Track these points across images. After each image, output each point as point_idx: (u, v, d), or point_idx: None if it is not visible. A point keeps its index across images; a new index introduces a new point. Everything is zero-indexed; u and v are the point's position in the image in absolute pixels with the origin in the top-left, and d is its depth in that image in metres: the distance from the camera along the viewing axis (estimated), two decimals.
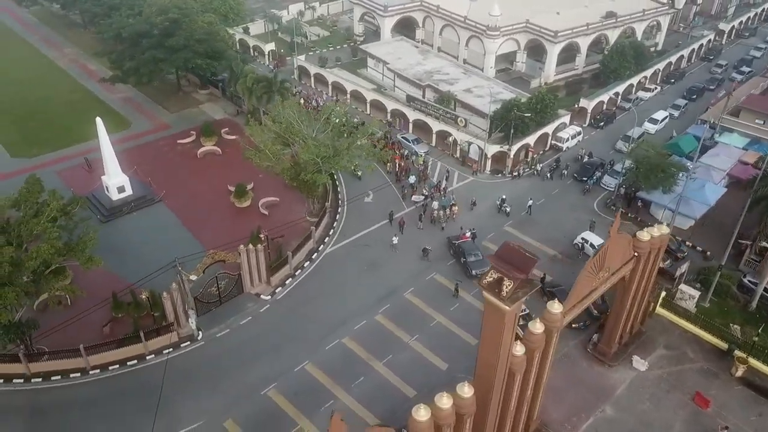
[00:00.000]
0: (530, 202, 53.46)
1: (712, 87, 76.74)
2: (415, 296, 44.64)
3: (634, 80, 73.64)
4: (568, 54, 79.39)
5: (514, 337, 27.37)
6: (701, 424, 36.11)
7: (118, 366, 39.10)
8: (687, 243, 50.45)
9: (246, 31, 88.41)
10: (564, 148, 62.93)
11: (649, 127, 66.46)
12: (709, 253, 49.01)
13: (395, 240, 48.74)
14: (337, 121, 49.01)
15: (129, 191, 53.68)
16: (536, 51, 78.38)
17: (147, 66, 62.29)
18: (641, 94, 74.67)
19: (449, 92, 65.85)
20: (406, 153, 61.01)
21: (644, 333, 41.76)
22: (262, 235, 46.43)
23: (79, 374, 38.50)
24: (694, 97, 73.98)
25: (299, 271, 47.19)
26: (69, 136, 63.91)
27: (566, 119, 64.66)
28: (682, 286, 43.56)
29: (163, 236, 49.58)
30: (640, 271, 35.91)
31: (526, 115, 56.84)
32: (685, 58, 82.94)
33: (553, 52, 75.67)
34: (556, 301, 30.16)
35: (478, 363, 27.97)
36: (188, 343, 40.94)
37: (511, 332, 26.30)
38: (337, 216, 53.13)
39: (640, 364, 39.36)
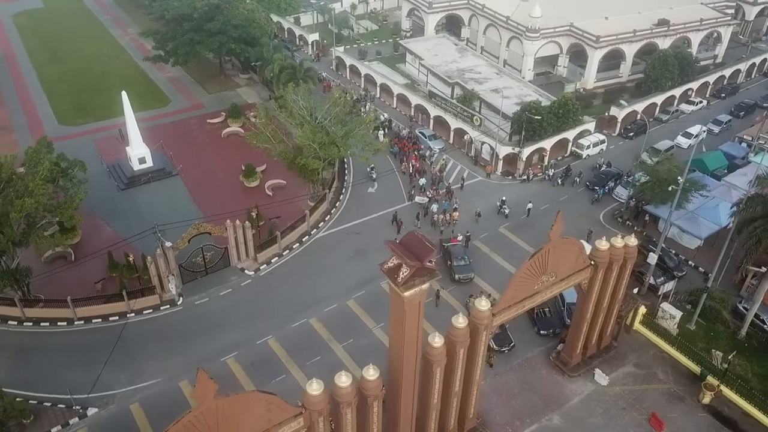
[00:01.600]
0: (530, 206, 52.62)
1: (766, 104, 71.93)
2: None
3: (677, 92, 70.16)
4: (614, 61, 76.92)
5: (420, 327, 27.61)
6: None
7: (101, 320, 42.21)
8: (690, 263, 48.13)
9: (297, 21, 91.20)
10: (584, 156, 61.20)
11: (681, 141, 63.42)
12: (710, 275, 46.45)
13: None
14: (337, 109, 50.04)
15: (149, 163, 57.18)
16: (580, 56, 76.28)
17: (184, 47, 65.97)
18: (684, 107, 71.05)
19: (472, 90, 65.47)
20: (425, 153, 60.99)
21: (615, 348, 40.42)
22: (254, 213, 48.43)
23: (65, 323, 41.87)
24: (742, 113, 69.70)
25: (287, 251, 48.86)
26: (112, 109, 68.03)
27: (591, 126, 62.81)
28: (664, 305, 41.73)
29: (171, 206, 52.47)
30: (600, 281, 34.94)
31: (536, 117, 55.71)
32: (743, 72, 78.02)
33: (594, 57, 73.48)
34: (485, 298, 30.05)
35: (389, 349, 28.45)
36: (168, 306, 43.53)
37: (416, 320, 26.58)
38: (338, 203, 54.40)
39: (601, 378, 38.22)
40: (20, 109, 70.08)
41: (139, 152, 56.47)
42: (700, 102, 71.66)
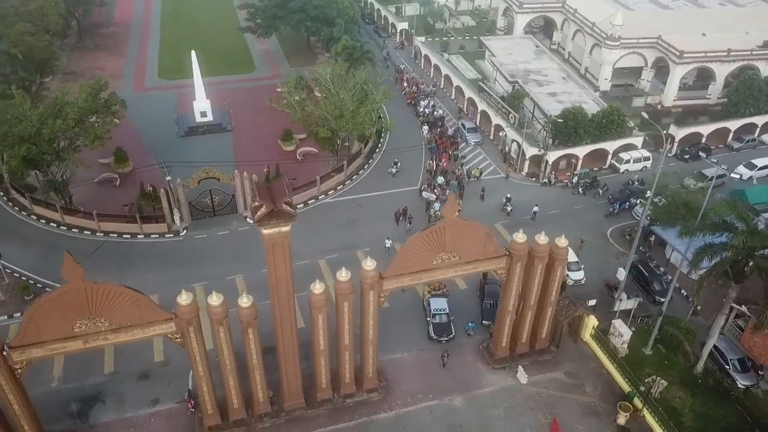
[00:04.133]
0: (536, 209, 52.04)
1: None
2: (365, 256, 47.63)
3: (760, 120, 63.84)
4: (705, 82, 71.74)
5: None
6: None
7: (116, 235, 49.66)
8: (682, 291, 45.08)
9: (399, 10, 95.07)
10: (621, 170, 58.59)
11: (741, 171, 58.28)
12: (699, 307, 43.30)
13: (388, 243, 47.75)
14: (355, 87, 53.36)
15: (209, 117, 64.62)
16: (667, 71, 72.04)
17: (266, 21, 72.69)
18: (766, 137, 64.58)
19: (520, 89, 65.08)
20: (459, 154, 61.31)
21: (552, 353, 39.73)
22: (266, 170, 53.45)
23: (89, 233, 49.88)
24: None
25: None
26: (204, 69, 77.34)
27: (638, 141, 59.87)
28: (616, 322, 40.01)
29: (213, 154, 58.66)
30: (519, 274, 35.03)
31: (559, 121, 54.62)
32: None
33: (675, 73, 69.23)
34: (369, 259, 31.97)
35: (269, 288, 31.35)
36: (172, 236, 49.97)
37: (282, 261, 29.51)
38: (355, 176, 57.75)
39: (522, 376, 38.04)
40: (134, 62, 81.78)
41: (201, 106, 64.05)
42: None
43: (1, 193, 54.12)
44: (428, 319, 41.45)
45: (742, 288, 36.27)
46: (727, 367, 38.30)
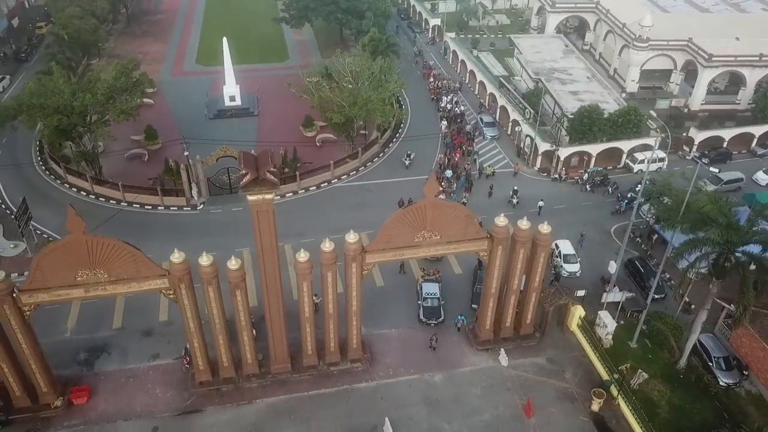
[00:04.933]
0: (541, 204, 52.69)
1: None
2: (367, 238, 49.48)
3: None
4: (737, 87, 70.51)
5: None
6: (508, 424, 35.49)
7: (139, 206, 53.01)
8: (680, 291, 45.04)
9: (433, 7, 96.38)
10: (635, 170, 58.51)
11: (760, 176, 57.48)
12: (693, 306, 43.34)
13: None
14: (372, 76, 55.18)
15: (238, 102, 67.66)
16: (696, 75, 71.12)
17: (299, 12, 75.29)
18: None
19: (540, 85, 65.57)
20: (472, 150, 61.94)
21: (536, 339, 40.61)
22: (281, 151, 55.90)
23: (115, 202, 53.39)
24: None
25: (304, 191, 55.62)
26: (239, 56, 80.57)
27: (653, 142, 59.49)
28: (602, 313, 40.61)
29: (238, 136, 61.64)
30: (500, 257, 36.14)
31: (568, 116, 55.04)
32: None
33: (703, 76, 68.34)
34: (353, 232, 33.75)
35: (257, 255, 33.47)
36: (189, 209, 53.00)
37: (267, 228, 31.62)
38: (369, 163, 59.64)
39: (504, 359, 39.14)
40: (175, 48, 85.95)
41: (230, 91, 67.16)
42: None
43: (41, 163, 58.39)
44: (419, 302, 42.74)
45: (733, 287, 36.42)
46: (711, 364, 38.43)
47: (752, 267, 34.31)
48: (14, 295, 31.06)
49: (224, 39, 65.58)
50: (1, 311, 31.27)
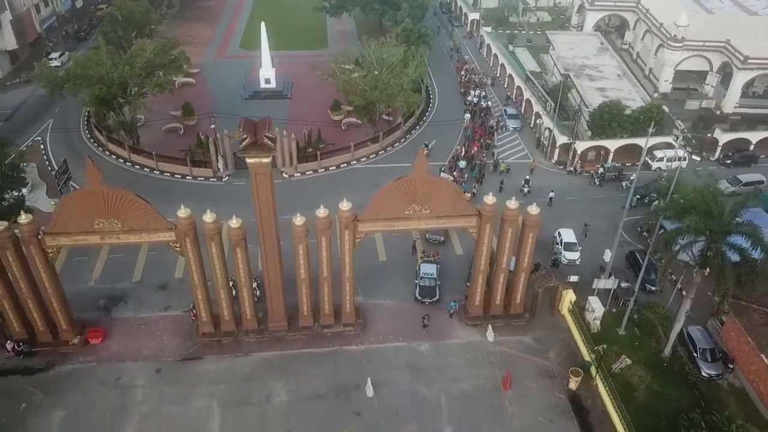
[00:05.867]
0: (551, 195, 53.60)
1: None
2: None
3: None
4: None
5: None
6: (485, 394, 37.01)
7: (168, 174, 56.85)
8: (678, 284, 45.32)
9: (475, 1, 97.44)
10: (653, 167, 58.47)
11: None
12: (684, 293, 43.45)
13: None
14: (393, 63, 57.38)
15: (273, 84, 70.94)
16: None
17: (338, 1, 77.98)
18: None
19: (567, 81, 66.07)
20: (490, 143, 62.83)
21: (524, 318, 41.81)
22: (305, 131, 58.69)
23: (149, 170, 57.40)
24: None
25: (323, 170, 58.26)
26: (280, 42, 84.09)
27: (673, 140, 59.42)
28: (591, 299, 41.50)
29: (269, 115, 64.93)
30: (489, 235, 37.64)
31: (588, 109, 55.54)
32: None
33: (738, 78, 67.27)
34: (346, 201, 35.97)
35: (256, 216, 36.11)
36: (215, 180, 56.44)
37: (265, 190, 34.20)
38: (389, 148, 61.77)
39: (490, 335, 40.61)
40: (222, 33, 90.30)
41: (266, 74, 70.52)
42: None
43: (87, 131, 63.19)
44: (416, 281, 44.28)
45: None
46: (696, 355, 38.83)
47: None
48: (39, 237, 34.73)
49: (262, 24, 68.89)
50: (27, 251, 35.05)
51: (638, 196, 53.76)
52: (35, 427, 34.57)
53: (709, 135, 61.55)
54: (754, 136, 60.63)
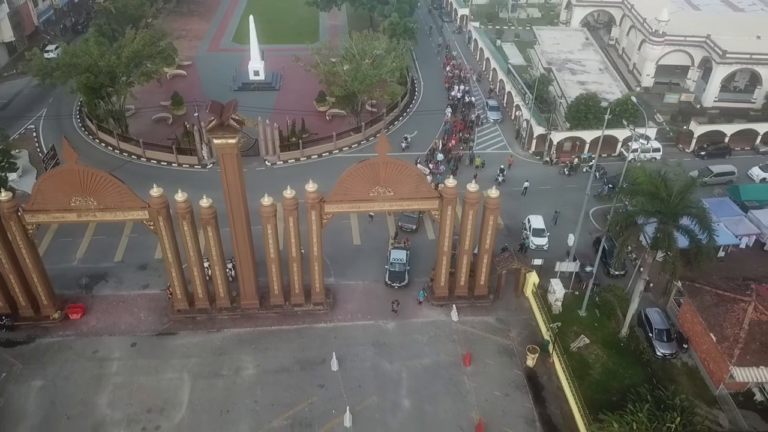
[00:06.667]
0: (526, 184, 55.01)
1: None
2: None
3: None
4: (755, 86, 70.15)
5: None
6: (445, 369, 38.52)
7: (155, 162, 58.63)
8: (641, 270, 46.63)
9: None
10: (628, 158, 59.51)
11: (755, 172, 57.61)
12: (652, 284, 44.84)
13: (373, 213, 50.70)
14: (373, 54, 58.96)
15: (261, 76, 72.63)
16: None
17: None
18: None
19: (548, 75, 67.38)
20: (468, 137, 63.77)
21: (489, 300, 43.27)
22: (288, 121, 60.33)
23: (135, 157, 59.20)
24: None
25: (306, 158, 59.89)
26: (272, 36, 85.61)
27: (650, 132, 60.57)
28: (553, 281, 42.89)
29: (257, 106, 65.91)
30: (450, 217, 39.11)
31: (560, 101, 56.77)
32: None
33: (717, 73, 68.38)
34: (312, 182, 37.57)
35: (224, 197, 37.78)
36: (199, 167, 58.15)
37: (232, 170, 35.84)
38: (371, 138, 63.21)
39: (454, 314, 42.09)
40: (216, 27, 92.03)
41: (255, 66, 72.25)
42: None
43: (79, 119, 65.11)
44: (386, 266, 45.55)
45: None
46: (651, 335, 40.18)
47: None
48: (19, 214, 36.49)
49: (251, 17, 70.65)
50: (8, 227, 36.83)
51: (610, 186, 55.06)
52: (14, 395, 36.34)
53: (684, 127, 62.74)
54: (729, 129, 61.74)
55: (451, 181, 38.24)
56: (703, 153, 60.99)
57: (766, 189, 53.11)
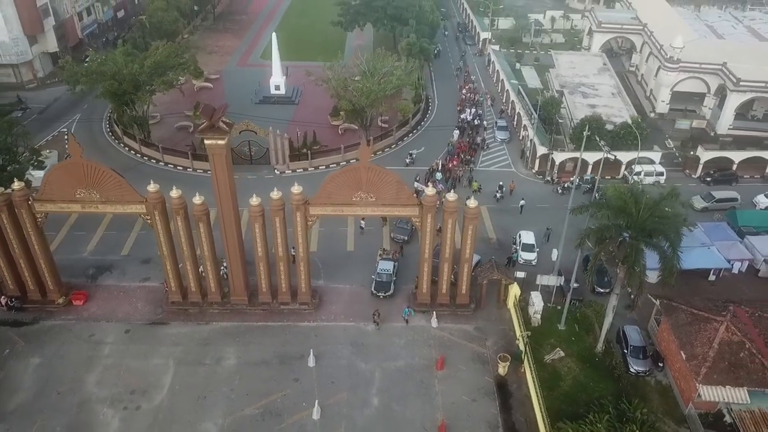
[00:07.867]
0: (522, 203, 55.95)
1: None
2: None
3: None
4: None
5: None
6: (417, 372, 39.65)
7: (172, 166, 62.06)
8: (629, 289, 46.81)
9: (492, 23, 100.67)
10: (630, 181, 59.93)
11: (760, 199, 57.09)
12: (637, 301, 44.90)
13: (362, 224, 52.60)
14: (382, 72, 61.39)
15: (282, 91, 75.98)
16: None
17: (350, 17, 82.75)
18: None
19: (556, 97, 68.36)
20: (470, 159, 64.73)
21: (470, 309, 44.26)
22: (298, 132, 63.04)
23: (155, 161, 62.80)
24: None
25: (312, 168, 62.32)
26: (297, 53, 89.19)
27: (655, 156, 60.93)
28: (533, 294, 43.59)
29: (275, 118, 69.21)
30: (431, 225, 40.55)
31: (562, 121, 57.65)
32: None
33: (731, 100, 68.07)
34: (297, 184, 39.65)
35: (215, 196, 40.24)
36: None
37: (222, 170, 38.24)
38: (379, 152, 65.36)
39: (433, 321, 43.26)
40: (248, 43, 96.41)
41: (276, 81, 75.68)
42: None
43: (107, 125, 69.43)
44: (373, 276, 46.74)
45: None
46: (626, 352, 40.44)
47: None
48: (29, 202, 39.73)
49: (273, 35, 74.22)
50: (19, 215, 40.10)
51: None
52: (13, 370, 39.23)
53: (691, 153, 62.64)
54: (737, 156, 61.39)
55: (430, 190, 39.79)
56: (708, 179, 60.74)
57: (764, 215, 52.55)
